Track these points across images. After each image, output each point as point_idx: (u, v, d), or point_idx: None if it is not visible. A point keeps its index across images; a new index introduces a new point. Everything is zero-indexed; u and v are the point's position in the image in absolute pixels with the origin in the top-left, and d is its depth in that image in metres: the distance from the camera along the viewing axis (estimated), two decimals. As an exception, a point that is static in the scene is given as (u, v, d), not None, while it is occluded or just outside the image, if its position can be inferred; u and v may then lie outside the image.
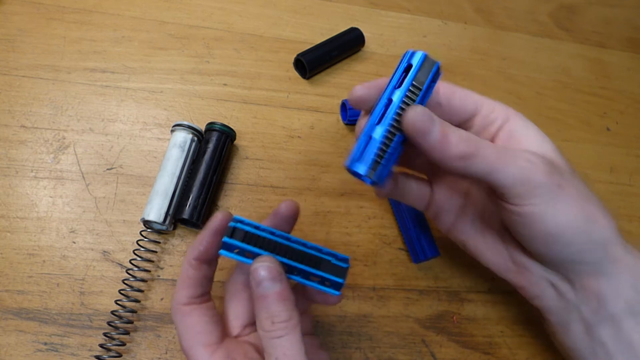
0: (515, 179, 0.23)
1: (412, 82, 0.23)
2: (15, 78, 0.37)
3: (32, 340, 0.29)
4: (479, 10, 0.53)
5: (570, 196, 0.24)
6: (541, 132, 0.27)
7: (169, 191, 0.33)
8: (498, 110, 0.27)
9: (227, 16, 0.44)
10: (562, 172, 0.25)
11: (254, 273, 0.22)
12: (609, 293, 0.25)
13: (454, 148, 0.22)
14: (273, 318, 0.22)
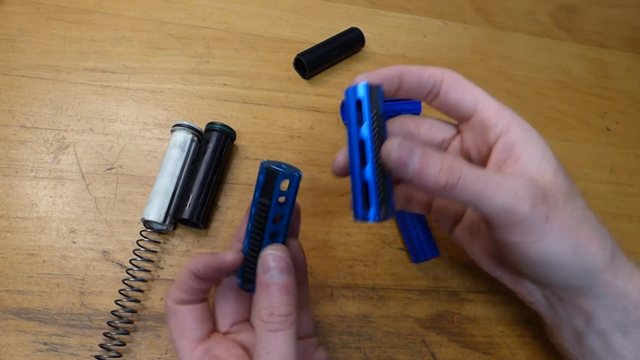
0: (500, 211, 0.22)
1: (370, 115, 0.23)
2: (15, 78, 0.37)
3: (32, 340, 0.29)
4: (479, 10, 0.53)
5: (558, 227, 0.23)
6: (543, 144, 0.25)
7: (169, 191, 0.33)
8: (500, 115, 0.26)
9: (227, 16, 0.44)
10: (554, 199, 0.23)
11: (266, 259, 0.22)
12: (598, 313, 0.26)
13: (434, 179, 0.22)
14: (273, 309, 0.21)
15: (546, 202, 0.23)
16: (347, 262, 0.36)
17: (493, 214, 0.23)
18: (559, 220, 0.23)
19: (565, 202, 0.24)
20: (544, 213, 0.23)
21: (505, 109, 0.26)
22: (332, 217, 0.37)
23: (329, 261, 0.35)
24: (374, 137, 0.23)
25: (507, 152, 0.25)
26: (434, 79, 0.26)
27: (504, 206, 0.22)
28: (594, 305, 0.26)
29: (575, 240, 0.24)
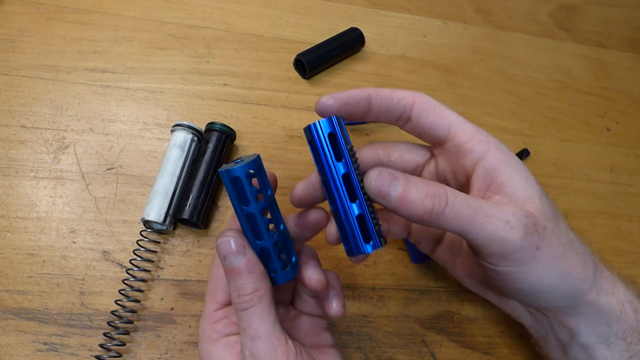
0: (490, 240, 0.22)
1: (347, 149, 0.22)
2: (15, 78, 0.37)
3: (32, 340, 0.29)
4: (479, 10, 0.53)
5: (548, 256, 0.23)
6: (523, 168, 0.24)
7: (169, 191, 0.33)
8: (476, 140, 0.25)
9: (227, 16, 0.44)
10: (543, 228, 0.23)
11: (219, 248, 0.23)
12: (581, 328, 0.26)
13: (419, 207, 0.21)
14: (239, 291, 0.22)
15: (536, 232, 0.22)
16: (347, 262, 0.36)
17: (483, 243, 0.22)
18: (547, 250, 0.23)
19: (552, 230, 0.23)
20: (535, 243, 0.22)
21: (481, 133, 0.25)
22: (332, 217, 0.37)
23: (329, 261, 0.35)
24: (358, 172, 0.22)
25: (488, 178, 0.24)
26: (404, 103, 0.26)
27: (495, 235, 0.22)
28: (578, 321, 0.26)
29: (563, 269, 0.24)
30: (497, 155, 0.24)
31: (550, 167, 0.45)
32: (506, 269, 0.23)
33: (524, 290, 0.25)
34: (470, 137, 0.25)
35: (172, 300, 0.32)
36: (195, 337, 0.31)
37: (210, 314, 0.25)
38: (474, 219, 0.21)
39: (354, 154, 0.23)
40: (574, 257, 0.24)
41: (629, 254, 0.42)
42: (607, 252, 0.42)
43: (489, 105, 0.47)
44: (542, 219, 0.23)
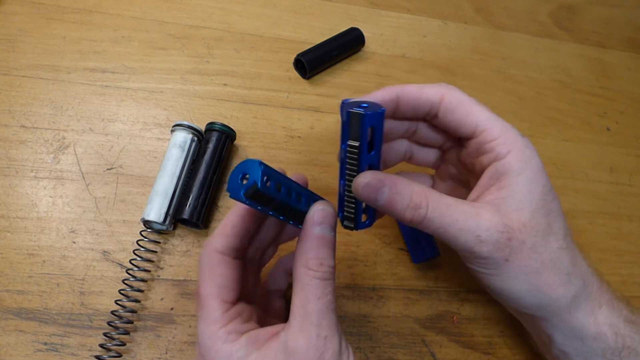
0: (461, 248, 0.24)
1: (347, 143, 0.23)
2: (15, 78, 0.37)
3: (32, 340, 0.29)
4: (479, 10, 0.53)
5: (518, 268, 0.24)
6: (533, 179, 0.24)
7: (169, 191, 0.33)
8: (499, 141, 0.25)
9: (227, 16, 0.44)
10: (520, 242, 0.23)
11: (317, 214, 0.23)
12: (557, 337, 0.27)
13: (401, 214, 0.23)
14: (322, 260, 0.22)
15: (508, 246, 0.23)
16: (347, 262, 0.36)
17: (456, 248, 0.24)
18: (518, 263, 0.24)
19: (532, 245, 0.24)
20: (504, 256, 0.23)
21: (508, 133, 0.25)
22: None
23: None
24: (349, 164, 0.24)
25: (494, 179, 0.25)
26: (431, 101, 0.26)
27: (465, 245, 0.23)
28: (553, 331, 0.27)
29: (532, 283, 0.24)
30: (513, 160, 0.24)
31: (550, 167, 0.45)
32: (478, 269, 0.25)
33: (495, 291, 0.26)
34: (495, 137, 0.25)
35: (172, 300, 0.32)
36: (195, 337, 0.31)
37: (220, 316, 0.22)
38: (448, 231, 0.23)
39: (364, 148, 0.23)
40: (552, 275, 0.24)
41: (629, 254, 0.42)
42: (607, 252, 0.42)
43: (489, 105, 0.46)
44: (521, 234, 0.23)
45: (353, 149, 0.23)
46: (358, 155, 0.23)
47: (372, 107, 0.23)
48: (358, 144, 0.22)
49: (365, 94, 0.26)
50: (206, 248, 0.24)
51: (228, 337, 0.21)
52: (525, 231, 0.24)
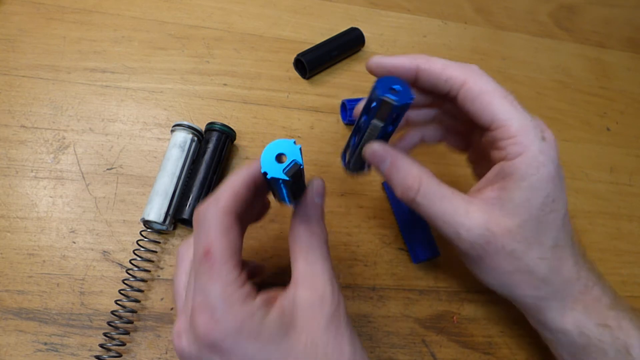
0: (445, 237, 0.26)
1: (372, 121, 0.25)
2: (15, 78, 0.37)
3: (32, 340, 0.29)
4: (479, 10, 0.53)
5: (490, 267, 0.26)
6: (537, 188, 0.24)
7: (169, 191, 0.33)
8: (513, 141, 0.24)
9: (227, 16, 0.44)
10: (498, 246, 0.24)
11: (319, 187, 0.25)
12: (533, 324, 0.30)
13: (396, 189, 0.26)
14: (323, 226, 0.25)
15: (484, 249, 0.25)
16: (347, 262, 0.36)
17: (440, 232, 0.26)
18: (491, 264, 0.25)
19: (511, 251, 0.25)
20: (478, 254, 0.25)
21: (525, 133, 0.24)
22: (332, 217, 0.37)
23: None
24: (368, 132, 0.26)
25: (499, 177, 0.25)
26: (451, 84, 0.25)
27: (447, 236, 0.26)
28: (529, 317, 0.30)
29: (502, 281, 0.27)
30: (521, 164, 0.24)
31: (550, 167, 0.45)
32: (460, 256, 0.28)
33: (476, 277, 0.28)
34: (510, 136, 0.24)
35: (172, 300, 0.32)
36: (195, 337, 0.31)
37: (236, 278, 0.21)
38: (433, 220, 0.25)
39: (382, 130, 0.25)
40: (523, 278, 0.26)
41: (629, 254, 0.42)
42: (607, 252, 0.42)
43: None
44: (503, 239, 0.24)
45: (376, 127, 0.25)
46: (378, 132, 0.25)
47: (404, 92, 0.23)
48: (382, 125, 0.25)
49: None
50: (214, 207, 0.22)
51: (246, 299, 0.21)
52: (508, 237, 0.24)
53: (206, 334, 0.20)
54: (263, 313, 0.21)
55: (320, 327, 0.21)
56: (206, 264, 0.20)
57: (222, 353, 0.20)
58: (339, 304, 0.23)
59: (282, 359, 0.20)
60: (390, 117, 0.24)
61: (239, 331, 0.20)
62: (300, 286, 0.22)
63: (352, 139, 0.29)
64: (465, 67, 0.25)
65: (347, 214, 0.38)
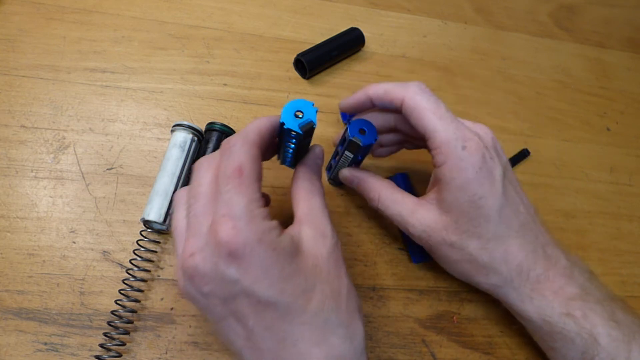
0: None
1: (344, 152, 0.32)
2: (15, 78, 0.37)
3: (32, 340, 0.29)
4: (479, 10, 0.53)
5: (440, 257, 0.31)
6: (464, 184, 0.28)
7: (169, 191, 0.33)
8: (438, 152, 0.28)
9: (227, 16, 0.44)
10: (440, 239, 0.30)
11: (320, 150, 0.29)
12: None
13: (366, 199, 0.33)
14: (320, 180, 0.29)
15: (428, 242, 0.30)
16: (347, 262, 0.36)
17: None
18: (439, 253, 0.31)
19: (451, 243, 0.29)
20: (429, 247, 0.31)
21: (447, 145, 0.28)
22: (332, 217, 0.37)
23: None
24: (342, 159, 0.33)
25: (436, 181, 0.30)
26: (395, 104, 0.30)
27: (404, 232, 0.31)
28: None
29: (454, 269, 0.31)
30: (445, 170, 0.28)
31: (550, 167, 0.45)
32: None
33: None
34: (436, 147, 0.28)
35: (172, 300, 0.32)
36: (195, 337, 0.31)
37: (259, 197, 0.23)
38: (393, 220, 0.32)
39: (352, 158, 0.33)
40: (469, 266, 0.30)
41: (629, 254, 0.42)
42: (607, 252, 0.42)
43: (489, 105, 0.47)
44: (440, 233, 0.29)
45: (348, 157, 0.32)
46: (350, 161, 0.33)
47: (369, 134, 0.30)
48: (352, 156, 0.32)
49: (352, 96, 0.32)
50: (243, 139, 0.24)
51: (265, 217, 0.23)
52: (446, 231, 0.29)
53: (228, 241, 0.21)
54: (278, 232, 0.23)
55: (323, 256, 0.25)
56: (236, 179, 0.22)
57: (240, 261, 0.21)
58: (337, 241, 0.26)
59: (293, 272, 0.22)
60: (358, 152, 0.31)
61: (259, 241, 0.21)
62: (304, 224, 0.26)
63: (333, 160, 0.36)
64: (404, 87, 0.29)
65: (347, 214, 0.38)
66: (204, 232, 0.22)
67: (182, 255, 0.23)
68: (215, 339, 0.31)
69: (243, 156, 0.23)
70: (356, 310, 0.25)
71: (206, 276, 0.22)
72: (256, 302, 0.22)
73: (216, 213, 0.22)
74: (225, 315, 0.23)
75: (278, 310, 0.22)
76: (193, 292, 0.23)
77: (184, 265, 0.22)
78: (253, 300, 0.22)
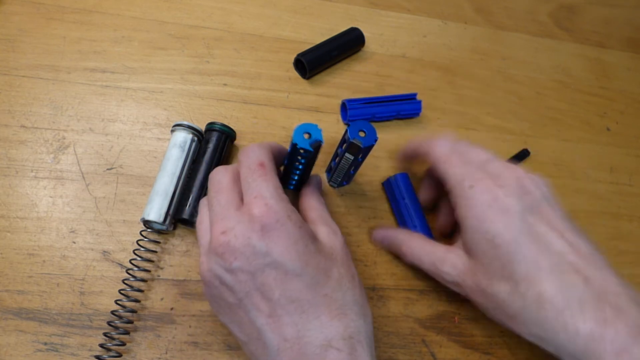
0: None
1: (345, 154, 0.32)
2: (15, 78, 0.37)
3: (32, 340, 0.29)
4: (479, 10, 0.53)
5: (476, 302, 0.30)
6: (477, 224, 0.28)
7: (169, 191, 0.33)
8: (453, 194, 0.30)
9: (227, 16, 0.44)
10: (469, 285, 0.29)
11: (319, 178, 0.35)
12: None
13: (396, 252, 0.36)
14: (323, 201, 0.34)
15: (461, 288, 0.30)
16: (347, 262, 0.36)
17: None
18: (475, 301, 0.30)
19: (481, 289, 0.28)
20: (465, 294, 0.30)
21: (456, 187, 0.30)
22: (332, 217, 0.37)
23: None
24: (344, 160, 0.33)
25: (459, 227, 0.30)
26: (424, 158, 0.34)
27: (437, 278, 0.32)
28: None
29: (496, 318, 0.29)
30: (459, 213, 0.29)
31: (551, 167, 0.45)
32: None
33: None
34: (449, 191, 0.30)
35: (172, 300, 0.32)
36: (195, 337, 0.31)
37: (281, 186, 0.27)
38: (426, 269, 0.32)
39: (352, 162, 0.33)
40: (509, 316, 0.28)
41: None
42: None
43: (489, 105, 0.47)
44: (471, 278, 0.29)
45: (348, 159, 0.32)
46: (350, 162, 0.33)
47: (369, 135, 0.30)
48: (352, 158, 0.32)
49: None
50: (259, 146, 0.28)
51: (290, 201, 0.26)
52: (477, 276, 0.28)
53: (262, 215, 0.24)
54: (301, 216, 0.26)
55: (337, 247, 0.27)
56: (261, 169, 0.26)
57: (271, 234, 0.24)
58: (345, 241, 0.29)
59: (315, 250, 0.25)
60: (359, 154, 0.31)
61: (288, 218, 0.24)
62: (318, 224, 0.29)
63: (333, 162, 0.36)
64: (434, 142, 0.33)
65: (347, 214, 0.38)
66: (232, 214, 0.25)
67: (213, 235, 0.25)
68: (215, 338, 0.31)
69: (262, 155, 0.27)
70: (366, 295, 0.28)
71: (237, 251, 0.23)
72: (283, 274, 0.24)
73: (248, 197, 0.25)
74: (250, 291, 0.24)
75: (303, 281, 0.24)
76: (220, 271, 0.24)
77: (214, 244, 0.24)
78: (280, 272, 0.24)
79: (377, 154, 0.40)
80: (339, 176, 0.36)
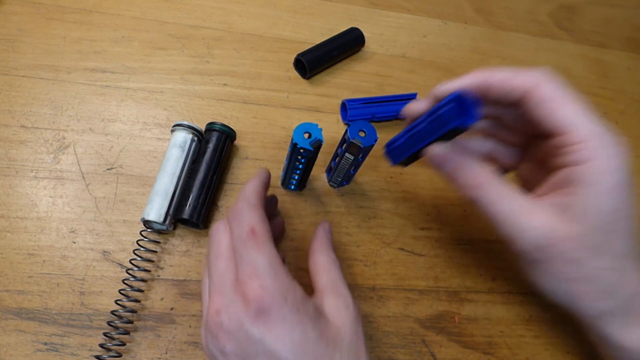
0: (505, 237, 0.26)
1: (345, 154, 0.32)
2: (15, 78, 0.37)
3: (32, 340, 0.29)
4: (479, 10, 0.53)
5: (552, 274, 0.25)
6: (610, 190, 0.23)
7: (169, 191, 0.33)
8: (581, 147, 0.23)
9: (227, 16, 0.44)
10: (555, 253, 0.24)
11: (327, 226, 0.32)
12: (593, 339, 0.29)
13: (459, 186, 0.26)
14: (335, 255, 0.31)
15: (546, 252, 0.24)
16: (347, 262, 0.36)
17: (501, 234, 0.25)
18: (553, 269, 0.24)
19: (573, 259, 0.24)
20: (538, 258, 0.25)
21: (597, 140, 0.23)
22: (332, 217, 0.37)
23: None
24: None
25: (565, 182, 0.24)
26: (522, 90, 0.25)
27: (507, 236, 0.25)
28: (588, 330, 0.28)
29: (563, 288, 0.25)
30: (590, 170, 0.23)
31: (550, 167, 0.45)
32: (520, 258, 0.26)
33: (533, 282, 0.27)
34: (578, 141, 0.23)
35: (172, 300, 0.32)
36: (195, 337, 0.31)
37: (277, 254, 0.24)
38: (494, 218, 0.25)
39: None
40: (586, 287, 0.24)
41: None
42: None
43: (489, 105, 0.47)
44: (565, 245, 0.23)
45: (348, 159, 0.32)
46: (350, 162, 0.32)
47: (369, 135, 0.30)
48: (352, 158, 0.32)
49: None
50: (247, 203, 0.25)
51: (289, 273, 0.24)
52: (571, 243, 0.23)
53: (256, 299, 0.22)
54: (302, 293, 0.23)
55: (345, 325, 0.24)
56: (253, 239, 0.23)
57: (266, 319, 0.22)
58: (359, 313, 0.26)
59: (315, 337, 0.22)
60: (359, 154, 0.31)
61: (285, 300, 0.22)
62: (328, 294, 0.26)
63: (333, 162, 0.36)
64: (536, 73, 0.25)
65: (347, 214, 0.38)
66: (228, 290, 0.23)
67: (208, 312, 0.23)
68: (215, 339, 0.31)
69: (252, 219, 0.24)
70: None
71: (230, 334, 0.22)
72: None
73: (242, 272, 0.23)
74: None
75: None
76: (215, 351, 0.23)
77: (208, 322, 0.23)
78: None
79: (377, 154, 0.40)
80: (339, 176, 0.36)
